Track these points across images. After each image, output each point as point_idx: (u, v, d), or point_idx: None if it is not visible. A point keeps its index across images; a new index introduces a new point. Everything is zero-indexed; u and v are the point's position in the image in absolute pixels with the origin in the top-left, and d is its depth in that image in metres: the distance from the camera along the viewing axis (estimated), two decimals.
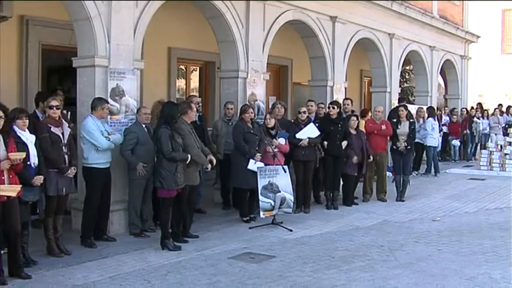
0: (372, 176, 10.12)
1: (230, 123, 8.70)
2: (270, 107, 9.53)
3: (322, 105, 10.23)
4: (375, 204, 9.75)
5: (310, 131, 8.75)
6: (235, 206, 8.69)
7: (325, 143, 9.06)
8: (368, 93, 17.03)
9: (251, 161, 7.89)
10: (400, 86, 16.05)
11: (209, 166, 7.12)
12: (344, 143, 9.15)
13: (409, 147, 10.08)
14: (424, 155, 13.82)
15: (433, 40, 16.52)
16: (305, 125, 8.83)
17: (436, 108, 15.50)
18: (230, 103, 8.94)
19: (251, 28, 9.46)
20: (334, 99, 10.91)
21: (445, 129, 15.70)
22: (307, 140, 8.66)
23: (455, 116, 16.12)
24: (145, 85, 9.48)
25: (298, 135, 8.69)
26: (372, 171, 10.11)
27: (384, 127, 9.93)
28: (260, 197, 7.74)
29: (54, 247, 6.24)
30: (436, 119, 14.15)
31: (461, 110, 17.63)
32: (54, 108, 6.15)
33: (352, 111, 10.63)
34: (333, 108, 9.27)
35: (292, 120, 9.60)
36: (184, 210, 6.96)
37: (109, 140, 6.70)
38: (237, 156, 8.16)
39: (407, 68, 20.76)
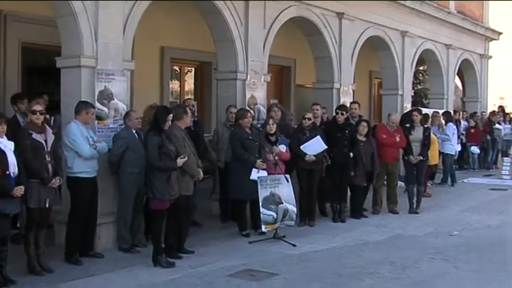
0: (381, 186, 10.12)
1: (232, 129, 8.71)
2: (266, 110, 9.56)
3: (325, 110, 10.23)
4: (386, 217, 9.75)
5: (317, 145, 8.75)
6: (234, 219, 8.70)
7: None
8: (378, 96, 17.04)
9: (253, 170, 7.91)
10: (413, 88, 16.07)
11: (200, 177, 7.15)
12: (351, 154, 9.17)
13: (424, 158, 10.08)
14: (440, 163, 13.80)
15: (450, 38, 16.53)
16: (310, 133, 8.84)
17: (453, 112, 15.51)
18: (233, 107, 8.98)
19: (251, 26, 9.50)
20: (341, 103, 10.95)
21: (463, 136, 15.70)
22: (313, 157, 8.69)
23: (472, 120, 16.12)
24: (136, 87, 9.52)
25: (303, 149, 8.70)
26: (382, 180, 10.12)
27: (398, 139, 9.93)
28: (261, 209, 7.76)
29: (35, 264, 6.23)
30: (454, 124, 14.15)
31: (481, 113, 17.61)
32: (38, 113, 6.16)
33: (360, 116, 10.63)
34: (341, 114, 9.29)
35: (296, 126, 9.63)
36: (178, 222, 6.98)
37: (94, 149, 6.71)
38: (235, 164, 8.19)
39: (421, 68, 20.76)
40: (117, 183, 7.31)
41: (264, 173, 7.92)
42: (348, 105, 10.60)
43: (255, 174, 7.90)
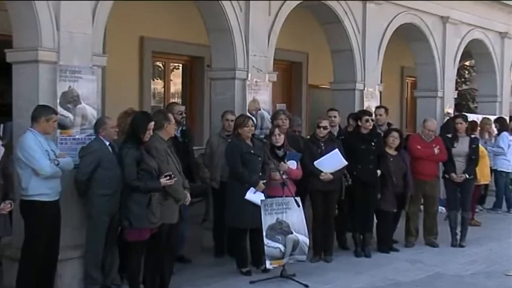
0: (416, 212, 10.09)
1: (230, 140, 8.73)
2: (271, 117, 9.57)
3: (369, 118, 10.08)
4: (423, 251, 9.73)
5: (335, 161, 8.77)
6: (231, 253, 8.69)
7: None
8: (411, 99, 17.03)
9: (251, 189, 7.94)
10: (456, 89, 16.06)
11: (187, 200, 7.17)
12: (378, 172, 9.20)
13: (470, 177, 10.07)
14: (492, 182, 13.75)
15: (505, 24, 16.40)
16: (326, 145, 8.85)
17: (509, 119, 15.45)
18: (230, 113, 9.02)
19: (252, 12, 9.52)
20: (364, 108, 10.93)
21: None
22: (331, 176, 8.72)
23: None
24: (109, 89, 9.55)
25: (318, 165, 8.73)
26: (418, 205, 10.09)
27: (436, 150, 9.94)
28: (266, 241, 7.76)
29: None
30: (511, 133, 14.09)
31: None
32: None
33: (389, 124, 10.62)
34: (372, 120, 9.35)
35: (308, 137, 9.62)
36: (161, 257, 6.98)
37: (56, 165, 6.70)
38: (233, 185, 8.19)
39: (467, 64, 20.73)
40: (85, 209, 7.29)
41: (261, 195, 7.93)
42: (373, 110, 10.59)
43: (250, 194, 7.91)
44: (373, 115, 10.06)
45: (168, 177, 6.71)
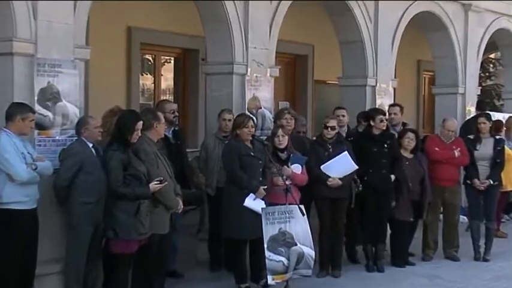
0: (435, 222, 10.09)
1: (227, 142, 8.73)
2: (273, 116, 9.57)
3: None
4: (442, 265, 9.74)
5: (344, 165, 8.79)
6: (228, 267, 8.70)
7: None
8: (429, 96, 17.02)
9: (250, 195, 7.93)
10: (480, 85, 16.04)
11: (180, 208, 7.19)
12: (392, 177, 9.22)
13: (495, 182, 10.06)
14: None
15: None
16: (334, 147, 8.86)
17: None
18: (228, 112, 9.03)
19: (252, 1, 9.53)
20: (377, 106, 10.93)
21: None
22: (339, 181, 8.73)
23: None
24: (93, 85, 9.55)
25: (325, 169, 8.75)
26: (437, 214, 10.09)
27: (457, 153, 9.93)
28: (267, 253, 7.75)
29: None
30: None
31: None
32: None
33: (404, 124, 10.63)
34: (385, 120, 9.39)
35: (314, 138, 9.62)
36: (151, 272, 7.00)
37: (34, 169, 6.70)
38: (230, 191, 8.19)
39: (492, 56, 20.71)
40: (66, 218, 7.30)
41: (262, 202, 7.94)
42: (386, 109, 10.59)
43: (250, 201, 7.91)
44: (387, 114, 10.08)
45: (158, 182, 6.73)
